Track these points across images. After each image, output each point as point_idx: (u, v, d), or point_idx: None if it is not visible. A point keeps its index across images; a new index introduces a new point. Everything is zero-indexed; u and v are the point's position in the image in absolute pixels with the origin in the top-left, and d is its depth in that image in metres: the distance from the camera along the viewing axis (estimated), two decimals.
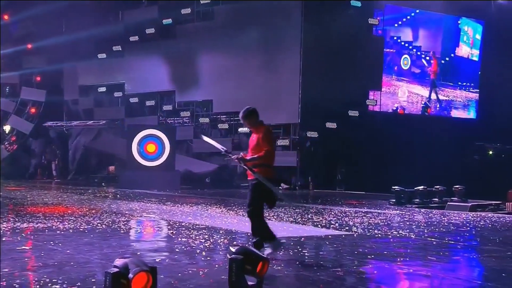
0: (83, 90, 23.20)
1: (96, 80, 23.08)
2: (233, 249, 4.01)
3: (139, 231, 7.96)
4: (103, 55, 22.75)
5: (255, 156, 5.62)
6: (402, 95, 21.09)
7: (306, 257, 5.98)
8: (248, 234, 7.49)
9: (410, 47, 21.20)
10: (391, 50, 20.75)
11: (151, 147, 17.55)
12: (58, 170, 22.62)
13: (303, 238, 7.29)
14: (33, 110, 22.98)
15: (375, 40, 19.79)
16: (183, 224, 8.36)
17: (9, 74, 22.49)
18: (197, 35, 20.14)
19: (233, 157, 5.90)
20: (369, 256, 6.02)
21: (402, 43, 21.04)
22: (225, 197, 14.41)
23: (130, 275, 3.40)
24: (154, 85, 21.47)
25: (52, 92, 23.06)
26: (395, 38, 20.90)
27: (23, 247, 5.96)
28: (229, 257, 4.04)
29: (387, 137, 18.11)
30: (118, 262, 3.54)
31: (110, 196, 14.01)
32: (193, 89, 20.53)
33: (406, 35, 21.18)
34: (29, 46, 22.84)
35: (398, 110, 20.84)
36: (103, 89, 23.15)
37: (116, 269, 3.46)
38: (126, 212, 10.01)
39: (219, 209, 10.83)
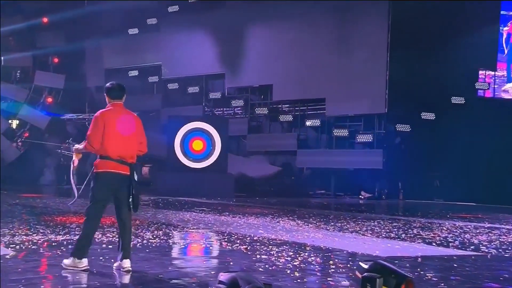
0: (110, 75, 23.65)
1: (125, 62, 23.61)
2: (364, 265, 3.87)
3: (202, 245, 8.02)
4: (135, 31, 23.24)
5: None
6: None
7: (434, 281, 5.76)
8: (345, 251, 7.43)
9: None
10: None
11: (198, 144, 17.77)
12: (78, 173, 23.22)
13: (419, 259, 7.10)
14: (49, 99, 23.67)
15: (488, 6, 19.09)
16: (255, 238, 8.49)
17: (20, 55, 23.26)
18: (252, 4, 20.24)
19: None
20: None
21: None
22: (293, 206, 14.59)
23: None
24: (198, 67, 21.71)
25: (72, 77, 23.71)
26: None
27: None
28: (359, 276, 3.90)
29: (503, 131, 17.46)
30: (224, 277, 3.49)
31: (150, 205, 14.25)
32: (247, 71, 20.61)
33: None
34: (45, 20, 23.52)
35: None
36: (134, 73, 23.63)
37: (223, 286, 3.40)
38: (179, 224, 10.27)
39: (292, 221, 10.99)
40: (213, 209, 13.40)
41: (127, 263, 5.85)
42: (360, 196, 18.32)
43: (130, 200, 5.80)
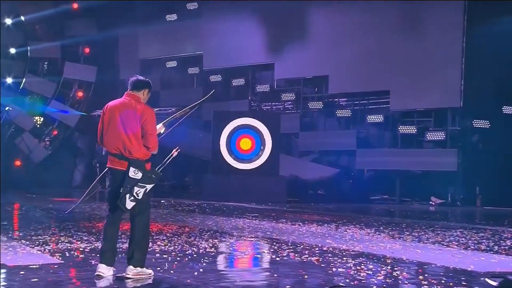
0: (146, 66, 23.97)
1: (163, 52, 23.80)
2: (492, 282, 3.70)
3: (267, 256, 7.95)
4: (173, 17, 23.41)
5: None
6: None
7: None
8: (433, 265, 7.27)
9: None
10: None
11: (246, 143, 17.79)
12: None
13: None
14: (80, 93, 24.01)
15: None
16: (324, 249, 8.48)
17: (48, 44, 23.64)
18: None
19: None
20: None
21: None
22: (356, 213, 14.54)
23: None
24: (244, 57, 21.73)
25: (104, 69, 24.05)
26: None
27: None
28: None
29: None
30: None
31: (196, 211, 14.38)
32: (300, 61, 20.48)
33: None
34: (75, 6, 23.92)
35: None
36: (172, 63, 23.79)
37: None
38: (233, 232, 10.35)
39: (361, 230, 10.96)
40: (266, 215, 13.46)
41: (127, 270, 6.01)
42: (431, 202, 17.99)
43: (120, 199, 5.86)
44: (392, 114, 19.10)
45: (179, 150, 6.62)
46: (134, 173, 5.84)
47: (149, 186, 5.91)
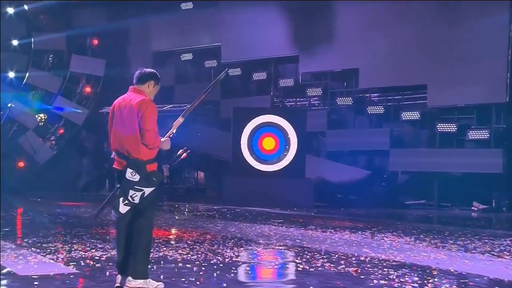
0: (159, 59, 24.03)
1: (177, 44, 23.83)
2: None
3: (300, 266, 7.88)
4: (188, 5, 23.41)
5: None
6: None
7: None
8: (485, 278, 7.19)
9: None
10: None
11: (269, 143, 17.78)
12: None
13: None
14: (87, 89, 24.08)
15: None
16: (361, 259, 8.44)
17: (53, 36, 23.73)
18: None
19: None
20: None
21: None
22: (391, 219, 14.50)
23: None
24: (266, 49, 21.67)
25: (114, 62, 24.05)
26: None
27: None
28: None
29: None
30: None
31: (217, 216, 14.39)
32: (327, 52, 20.39)
33: None
34: None
35: None
36: (188, 56, 23.81)
37: None
38: (259, 240, 10.35)
39: (399, 238, 10.88)
40: (293, 221, 13.46)
41: (126, 281, 5.93)
42: (473, 208, 17.80)
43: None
44: (429, 111, 18.93)
45: (188, 151, 6.58)
46: (131, 175, 5.78)
47: (147, 190, 5.83)
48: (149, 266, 6.23)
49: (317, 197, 18.11)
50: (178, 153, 6.39)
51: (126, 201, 5.76)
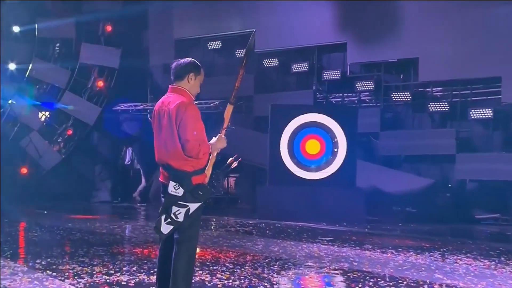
0: (182, 48, 23.99)
1: (203, 30, 23.82)
2: None
3: None
4: None
5: None
6: None
7: None
8: None
9: None
10: None
11: (313, 146, 17.74)
12: (142, 188, 23.69)
13: None
14: (100, 83, 24.17)
15: None
16: (435, 287, 8.46)
17: (60, 22, 23.86)
18: None
19: None
20: None
21: None
22: (461, 238, 14.44)
23: None
24: (307, 36, 21.58)
25: (130, 52, 24.14)
26: None
27: None
28: None
29: None
30: None
31: (254, 232, 14.40)
32: (380, 39, 20.26)
33: None
34: None
35: None
36: (216, 44, 23.79)
37: None
38: (309, 262, 10.35)
39: (476, 261, 10.81)
40: (345, 239, 13.41)
41: None
42: None
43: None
44: (504, 108, 18.72)
45: (240, 159, 6.54)
46: (174, 189, 5.79)
47: (192, 206, 5.82)
48: None
49: (369, 210, 18.00)
50: (228, 161, 6.36)
51: (169, 219, 5.73)
